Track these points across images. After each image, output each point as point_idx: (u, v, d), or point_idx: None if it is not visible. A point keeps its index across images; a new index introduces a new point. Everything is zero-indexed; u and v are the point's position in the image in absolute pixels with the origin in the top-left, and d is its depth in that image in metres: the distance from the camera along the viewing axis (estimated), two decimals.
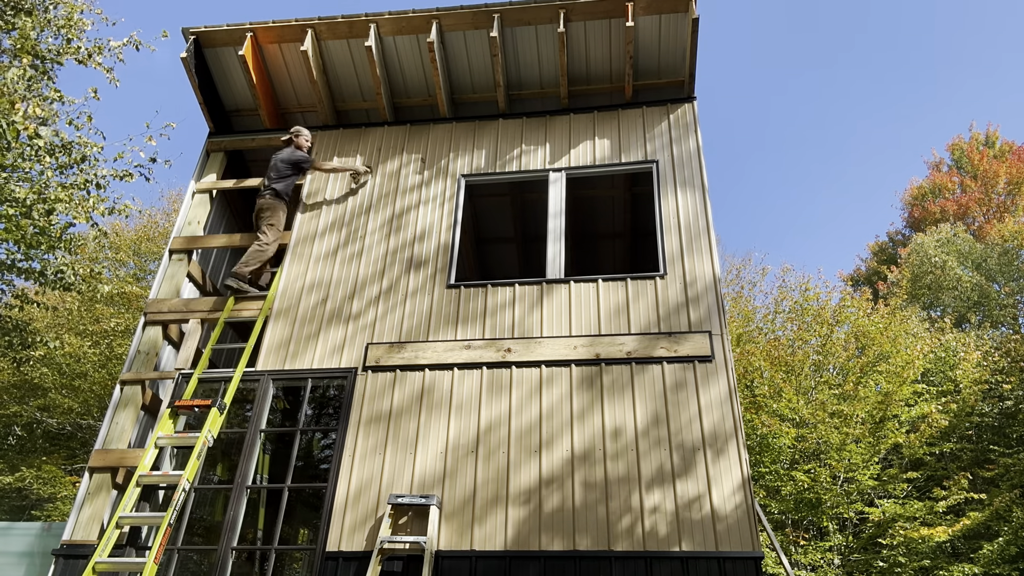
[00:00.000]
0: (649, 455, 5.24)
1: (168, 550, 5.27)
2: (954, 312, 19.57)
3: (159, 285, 6.92)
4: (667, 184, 6.82)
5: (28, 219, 7.05)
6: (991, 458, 13.52)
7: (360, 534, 5.15)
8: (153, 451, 5.48)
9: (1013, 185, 23.86)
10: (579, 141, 7.31)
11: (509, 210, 9.30)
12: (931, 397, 13.13)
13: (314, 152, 7.64)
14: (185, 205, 7.53)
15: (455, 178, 7.21)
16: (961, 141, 26.56)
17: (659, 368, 5.65)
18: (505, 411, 5.60)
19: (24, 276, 7.99)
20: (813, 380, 13.53)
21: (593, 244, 9.75)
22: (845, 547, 12.11)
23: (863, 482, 11.82)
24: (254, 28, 7.51)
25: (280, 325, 6.41)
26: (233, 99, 8.11)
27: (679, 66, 7.52)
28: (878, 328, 13.69)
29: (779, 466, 12.44)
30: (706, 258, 6.27)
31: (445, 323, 6.19)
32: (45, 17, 7.49)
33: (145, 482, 5.34)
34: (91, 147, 7.42)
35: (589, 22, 7.28)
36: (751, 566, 4.71)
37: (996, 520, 11.91)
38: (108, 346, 14.90)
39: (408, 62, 7.69)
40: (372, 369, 5.98)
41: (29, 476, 13.81)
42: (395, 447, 5.55)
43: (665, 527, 4.92)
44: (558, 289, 6.27)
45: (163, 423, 5.64)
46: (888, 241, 27.49)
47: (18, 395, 15.64)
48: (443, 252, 6.68)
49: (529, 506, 5.13)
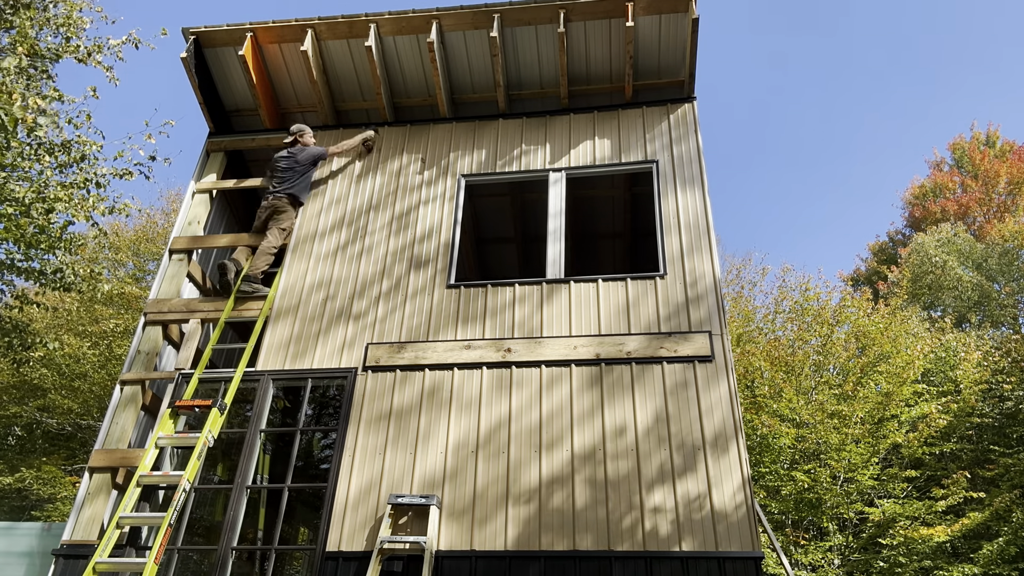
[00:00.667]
0: (650, 455, 5.24)
1: (168, 550, 5.26)
2: (954, 312, 19.56)
3: (159, 285, 6.92)
4: (667, 184, 6.82)
5: (27, 218, 7.05)
6: (991, 458, 13.52)
7: (360, 534, 5.15)
8: (154, 451, 5.48)
9: (1014, 185, 23.86)
10: (579, 141, 7.30)
11: (509, 210, 9.30)
12: (931, 397, 13.12)
13: None
14: (185, 205, 7.53)
15: (455, 178, 7.21)
16: (962, 140, 26.55)
17: (659, 368, 5.65)
18: (506, 411, 5.59)
19: (24, 276, 7.98)
20: (813, 380, 13.53)
21: (593, 244, 9.75)
22: (845, 547, 12.11)
23: (863, 482, 11.81)
24: (254, 28, 7.51)
25: (280, 325, 6.41)
26: (233, 99, 8.10)
27: (679, 66, 7.52)
28: (878, 328, 13.68)
29: (779, 466, 12.44)
30: (706, 258, 6.26)
31: (446, 323, 6.19)
32: (44, 15, 7.47)
33: (145, 482, 5.34)
34: (90, 146, 7.40)
35: (589, 22, 7.28)
36: (751, 566, 4.71)
37: (996, 520, 11.91)
38: (108, 347, 14.89)
39: (408, 62, 7.69)
40: (372, 369, 5.98)
41: (29, 477, 13.80)
42: (395, 447, 5.54)
43: (666, 527, 4.92)
44: (558, 289, 6.26)
45: (164, 423, 5.64)
46: (888, 241, 27.48)
47: (18, 396, 15.63)
48: (443, 252, 6.68)
49: (530, 506, 5.12)
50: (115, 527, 5.00)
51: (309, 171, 7.10)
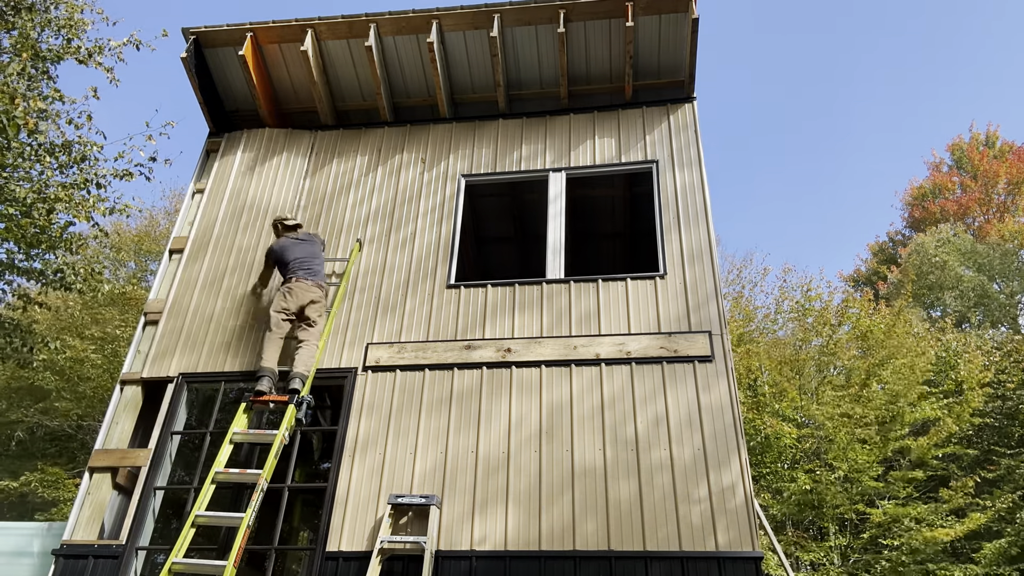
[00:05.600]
0: (649, 455, 5.24)
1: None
2: (954, 312, 19.56)
3: (159, 285, 6.92)
4: (667, 184, 6.82)
5: (28, 219, 7.05)
6: (993, 459, 13.51)
7: (360, 534, 5.15)
8: (228, 447, 5.35)
9: (1013, 185, 23.86)
10: (579, 141, 7.31)
11: (509, 210, 9.30)
12: (937, 399, 13.09)
13: (314, 154, 7.68)
14: (185, 205, 7.53)
15: (455, 178, 7.21)
16: (961, 141, 26.55)
17: (659, 368, 5.65)
18: (505, 411, 5.59)
19: (25, 276, 7.98)
20: (815, 380, 13.53)
21: (593, 244, 9.75)
22: (847, 547, 12.10)
23: (865, 483, 11.81)
24: (254, 28, 7.51)
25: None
26: (233, 99, 8.11)
27: (679, 66, 7.52)
28: (881, 329, 13.68)
29: (780, 466, 12.44)
30: (706, 258, 6.27)
31: (445, 323, 6.19)
32: (46, 17, 7.48)
33: (221, 479, 5.21)
34: (91, 146, 7.41)
35: (589, 22, 7.28)
36: (751, 566, 4.71)
37: (998, 521, 11.90)
38: (112, 351, 14.85)
39: (408, 62, 7.70)
40: (372, 369, 5.98)
41: (33, 479, 13.77)
42: (395, 447, 5.54)
43: (664, 527, 4.92)
44: (558, 289, 6.26)
45: (238, 419, 5.51)
46: (888, 241, 27.49)
47: (20, 398, 15.62)
48: (443, 252, 6.68)
49: (529, 506, 5.12)
50: (191, 526, 4.90)
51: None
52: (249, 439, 5.51)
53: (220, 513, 5.24)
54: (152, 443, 5.82)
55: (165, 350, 6.36)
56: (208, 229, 7.18)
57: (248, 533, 4.76)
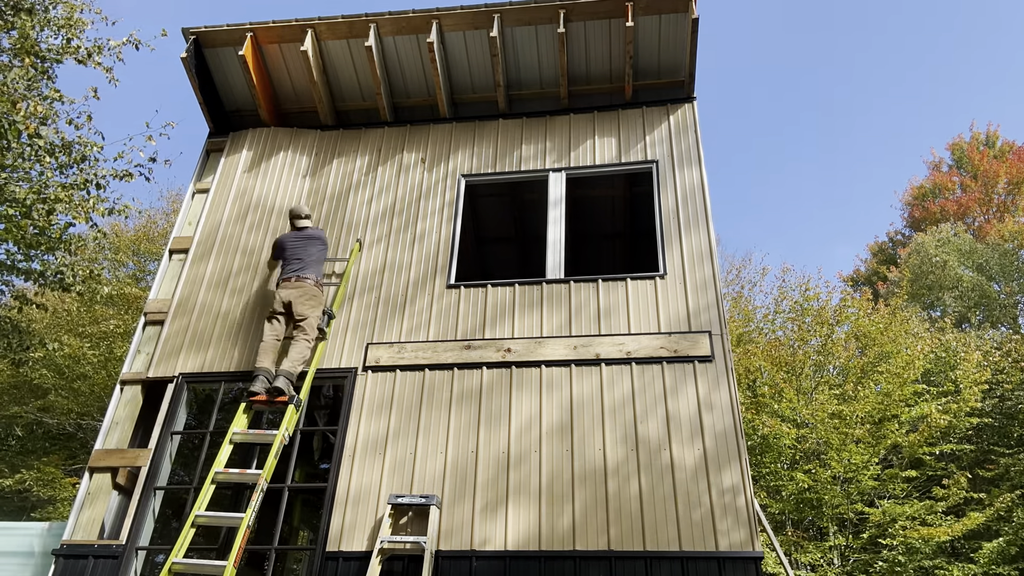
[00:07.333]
0: (649, 455, 5.24)
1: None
2: (954, 312, 19.56)
3: (159, 285, 6.92)
4: (667, 184, 6.82)
5: (28, 219, 7.05)
6: (991, 458, 13.52)
7: (360, 534, 5.15)
8: (228, 447, 5.35)
9: (1013, 185, 23.87)
10: (579, 141, 7.31)
11: (509, 210, 9.30)
12: (931, 397, 13.12)
13: (316, 154, 7.67)
14: (185, 205, 7.53)
15: (455, 178, 7.21)
16: (961, 141, 26.56)
17: (659, 368, 5.65)
18: (505, 411, 5.59)
19: (24, 277, 7.98)
20: (813, 381, 13.53)
21: (593, 244, 9.75)
22: (846, 547, 12.11)
23: (864, 482, 11.81)
24: (254, 28, 7.50)
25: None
26: (233, 99, 8.10)
27: (679, 66, 7.52)
28: (878, 328, 13.69)
29: (779, 466, 12.44)
30: (706, 258, 6.27)
31: (445, 323, 6.19)
32: (45, 16, 7.48)
33: (220, 479, 5.21)
34: (91, 147, 7.41)
35: (589, 22, 7.28)
36: (751, 566, 4.71)
37: (996, 520, 11.91)
38: (108, 347, 14.87)
39: (408, 62, 7.69)
40: (372, 369, 5.98)
41: (29, 478, 13.79)
42: (395, 447, 5.54)
43: (665, 527, 4.92)
44: (558, 289, 6.26)
45: (238, 419, 5.51)
46: (888, 241, 27.50)
47: (18, 396, 15.63)
48: (443, 252, 6.68)
49: (528, 506, 5.12)
50: (191, 526, 4.90)
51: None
52: (249, 439, 5.50)
53: (220, 513, 5.24)
54: (152, 443, 5.82)
55: (171, 351, 6.36)
56: (214, 229, 7.17)
57: (248, 533, 4.76)
